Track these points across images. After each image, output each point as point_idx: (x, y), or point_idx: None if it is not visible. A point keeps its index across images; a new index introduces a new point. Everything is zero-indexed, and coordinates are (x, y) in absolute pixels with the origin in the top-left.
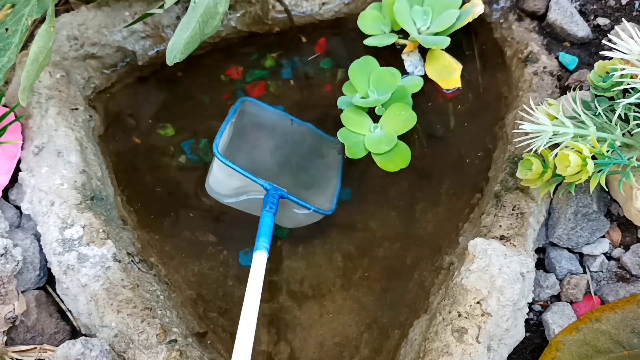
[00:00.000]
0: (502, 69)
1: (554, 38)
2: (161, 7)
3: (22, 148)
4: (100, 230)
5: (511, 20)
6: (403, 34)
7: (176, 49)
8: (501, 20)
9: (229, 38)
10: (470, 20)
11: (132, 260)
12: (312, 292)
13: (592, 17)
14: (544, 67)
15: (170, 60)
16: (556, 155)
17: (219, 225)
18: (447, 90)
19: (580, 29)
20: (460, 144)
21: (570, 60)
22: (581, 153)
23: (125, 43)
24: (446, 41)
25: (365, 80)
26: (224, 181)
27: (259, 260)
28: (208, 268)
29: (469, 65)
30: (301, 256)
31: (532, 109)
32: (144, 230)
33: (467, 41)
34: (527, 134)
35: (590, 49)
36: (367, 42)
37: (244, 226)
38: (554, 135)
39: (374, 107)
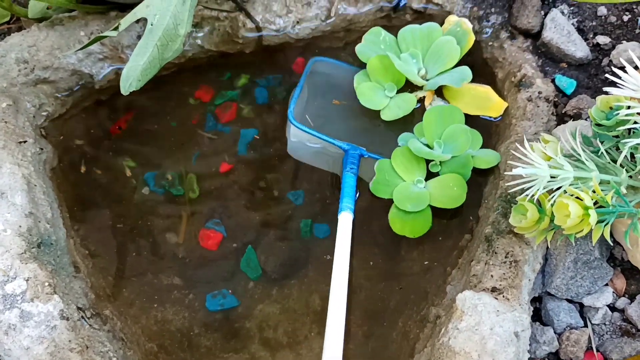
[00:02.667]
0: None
1: (550, 58)
2: (115, 29)
3: None
4: (46, 283)
5: (503, 38)
6: (409, 87)
7: (132, 77)
8: (492, 39)
9: (197, 58)
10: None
11: (82, 317)
12: (287, 339)
13: (591, 36)
14: (539, 93)
15: (125, 89)
16: (553, 202)
17: (185, 266)
18: (496, 118)
19: (579, 48)
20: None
21: (567, 83)
22: (581, 200)
23: (81, 66)
24: (468, 72)
25: (440, 130)
26: (304, 142)
27: (345, 221)
28: (172, 313)
29: None
30: (275, 299)
31: (525, 148)
32: (99, 276)
33: None
34: (517, 176)
35: (590, 71)
36: (387, 117)
37: (211, 267)
38: (552, 178)
39: (430, 161)
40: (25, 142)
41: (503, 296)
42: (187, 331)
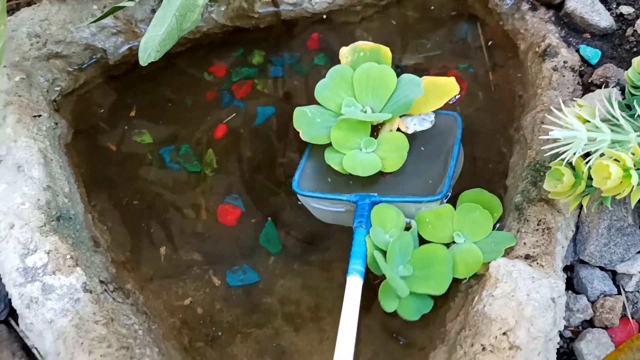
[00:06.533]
0: (515, 64)
1: (573, 29)
2: None
3: None
4: (68, 256)
5: (524, 10)
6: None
7: (150, 47)
8: (513, 10)
9: (212, 33)
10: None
11: (105, 290)
12: (310, 314)
13: (614, 6)
14: (565, 62)
15: (144, 59)
16: (589, 165)
17: (204, 241)
18: (454, 98)
19: (603, 18)
20: (470, 147)
21: (592, 53)
22: (621, 163)
23: (94, 40)
24: (418, 79)
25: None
26: (319, 206)
27: (353, 286)
28: (193, 289)
29: (476, 61)
30: (296, 274)
31: (561, 110)
32: (119, 252)
33: (473, 33)
34: (554, 140)
35: (614, 41)
36: (392, 167)
37: (231, 243)
38: (589, 141)
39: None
40: (39, 116)
41: (537, 263)
42: (209, 307)
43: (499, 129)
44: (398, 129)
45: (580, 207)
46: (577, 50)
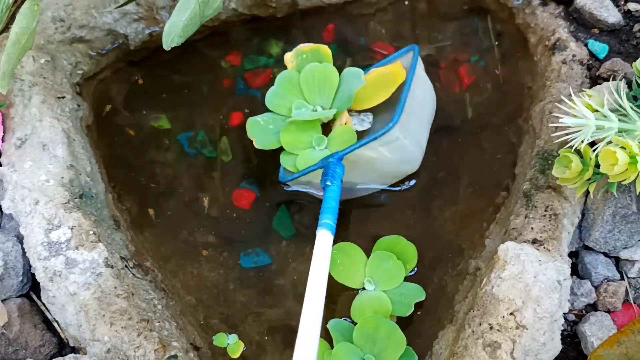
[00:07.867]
0: (525, 57)
1: (582, 25)
2: None
3: (2, 140)
4: (91, 232)
5: (535, 5)
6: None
7: (174, 32)
8: (524, 5)
9: (230, 22)
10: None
11: (125, 266)
12: None
13: (622, 2)
14: (573, 56)
15: (167, 44)
16: (596, 152)
17: (218, 225)
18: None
19: (611, 14)
20: (480, 137)
21: (600, 48)
22: (627, 150)
23: (116, 26)
24: (359, 71)
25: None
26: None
27: (322, 240)
28: (208, 270)
29: (486, 54)
30: (308, 258)
31: (571, 100)
32: (137, 231)
33: (483, 27)
34: (561, 128)
35: (621, 37)
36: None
37: (245, 226)
38: (597, 130)
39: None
40: (63, 97)
41: (544, 247)
42: (223, 287)
43: (508, 120)
44: (346, 123)
45: (586, 195)
46: (586, 45)
